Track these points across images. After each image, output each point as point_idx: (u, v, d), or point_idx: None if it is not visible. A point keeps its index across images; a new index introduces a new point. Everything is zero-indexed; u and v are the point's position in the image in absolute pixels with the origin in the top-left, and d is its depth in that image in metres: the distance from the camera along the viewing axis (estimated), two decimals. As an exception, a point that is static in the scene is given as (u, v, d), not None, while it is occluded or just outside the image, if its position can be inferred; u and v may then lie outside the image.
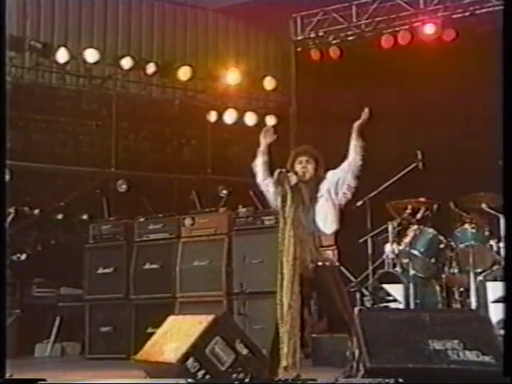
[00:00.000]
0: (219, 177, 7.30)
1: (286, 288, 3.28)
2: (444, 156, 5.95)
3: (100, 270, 5.90)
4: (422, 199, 4.96)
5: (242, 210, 5.68)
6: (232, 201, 6.38)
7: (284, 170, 3.49)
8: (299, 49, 7.26)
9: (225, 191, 6.97)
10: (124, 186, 6.80)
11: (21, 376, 3.42)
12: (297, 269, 3.33)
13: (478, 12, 6.12)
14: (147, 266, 5.77)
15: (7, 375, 2.97)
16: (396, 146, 6.34)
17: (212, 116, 7.43)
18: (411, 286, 4.64)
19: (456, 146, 6.04)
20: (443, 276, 4.65)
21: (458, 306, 4.49)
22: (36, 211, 5.80)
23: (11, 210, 4.76)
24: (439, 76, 6.05)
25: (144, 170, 7.02)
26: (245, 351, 3.45)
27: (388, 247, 4.98)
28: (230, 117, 7.51)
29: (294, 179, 3.49)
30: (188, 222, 5.77)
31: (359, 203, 5.34)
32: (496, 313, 4.01)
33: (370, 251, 5.37)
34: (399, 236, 4.96)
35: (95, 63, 6.80)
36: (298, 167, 3.55)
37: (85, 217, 6.47)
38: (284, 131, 7.48)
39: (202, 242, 5.67)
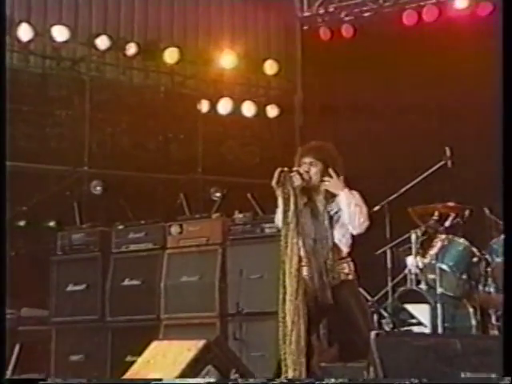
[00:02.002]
0: (212, 177, 7.31)
1: (289, 303, 3.31)
2: (477, 153, 5.94)
3: (70, 287, 5.90)
4: (451, 204, 4.95)
5: (238, 215, 5.69)
6: (227, 205, 6.38)
7: (286, 169, 3.51)
8: (306, 27, 7.30)
9: (218, 194, 7.00)
10: (99, 188, 6.77)
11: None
12: (301, 281, 3.37)
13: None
14: (126, 283, 5.77)
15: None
16: (420, 142, 6.34)
17: (203, 106, 7.42)
18: (439, 306, 4.62)
19: (492, 143, 6.09)
20: (477, 295, 4.65)
21: (496, 332, 4.45)
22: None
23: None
24: (472, 59, 5.97)
25: (123, 169, 6.98)
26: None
27: (411, 260, 4.96)
28: (224, 107, 7.50)
29: (297, 180, 3.51)
30: (175, 229, 5.79)
31: (376, 208, 5.32)
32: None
33: (389, 265, 5.35)
34: (424, 247, 4.95)
35: (65, 42, 6.69)
36: (301, 169, 3.62)
37: (52, 224, 6.42)
38: (288, 124, 7.62)
39: (191, 254, 5.69)
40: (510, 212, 3.23)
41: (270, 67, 7.53)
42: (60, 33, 6.60)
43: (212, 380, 3.33)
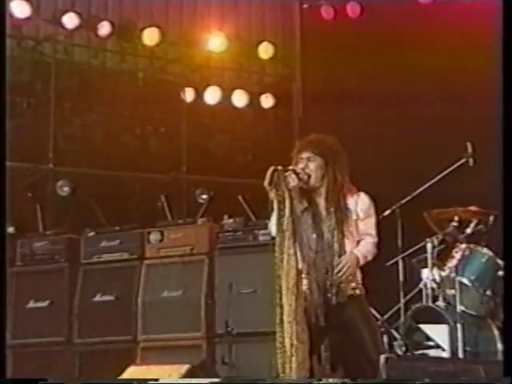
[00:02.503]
0: (197, 176, 7.30)
1: (287, 325, 3.32)
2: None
3: (31, 304, 5.90)
4: (474, 208, 4.94)
5: (227, 221, 5.70)
6: (214, 209, 6.38)
7: (280, 167, 3.50)
8: (305, 5, 7.28)
9: (205, 196, 7.01)
10: (66, 189, 6.73)
11: None
12: (300, 299, 3.38)
13: None
14: (98, 298, 5.74)
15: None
16: (437, 136, 6.31)
17: (188, 94, 7.41)
18: (459, 326, 4.61)
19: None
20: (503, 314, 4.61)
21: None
22: None
23: None
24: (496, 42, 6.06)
25: (94, 167, 6.93)
26: (230, 413, 3.50)
27: (426, 273, 4.96)
28: (212, 96, 7.49)
29: (293, 180, 3.50)
30: (155, 237, 5.79)
31: (387, 212, 5.32)
32: None
33: (401, 278, 5.34)
34: (442, 258, 4.94)
35: (26, 19, 6.62)
36: (299, 167, 3.61)
37: (10, 230, 6.30)
38: (285, 115, 7.62)
39: (173, 265, 5.69)
40: (510, 212, 3.42)
41: (265, 51, 7.52)
42: (20, 8, 6.50)
43: (216, 380, 3.32)
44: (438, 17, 6.42)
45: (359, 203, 3.60)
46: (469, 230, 4.90)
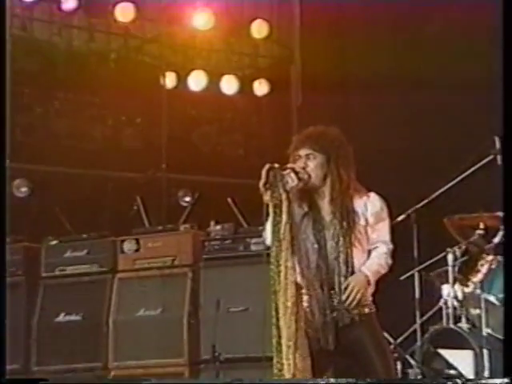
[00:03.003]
0: (180, 175, 7.33)
1: (286, 351, 3.31)
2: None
3: (-17, 325, 5.90)
4: (501, 214, 4.93)
5: (215, 227, 5.74)
6: (200, 213, 6.43)
7: (277, 165, 3.48)
8: (305, -23, 7.39)
9: (188, 198, 7.07)
10: (24, 189, 6.74)
11: None
12: (300, 320, 3.37)
13: None
14: (61, 318, 5.75)
15: None
16: (458, 128, 6.31)
17: (169, 79, 7.43)
18: (485, 352, 4.62)
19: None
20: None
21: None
22: None
23: None
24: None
25: (57, 164, 6.92)
26: None
27: (447, 289, 4.96)
28: (197, 81, 7.52)
29: (292, 180, 3.49)
30: (129, 246, 5.82)
31: (400, 218, 5.32)
32: None
33: (417, 295, 5.35)
34: (465, 272, 4.95)
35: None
36: (297, 165, 3.59)
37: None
38: (281, 104, 7.63)
39: (151, 279, 5.72)
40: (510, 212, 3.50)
41: (258, 29, 7.52)
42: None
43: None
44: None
45: (369, 206, 3.56)
46: (496, 240, 4.90)
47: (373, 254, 3.55)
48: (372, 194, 3.59)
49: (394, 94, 6.58)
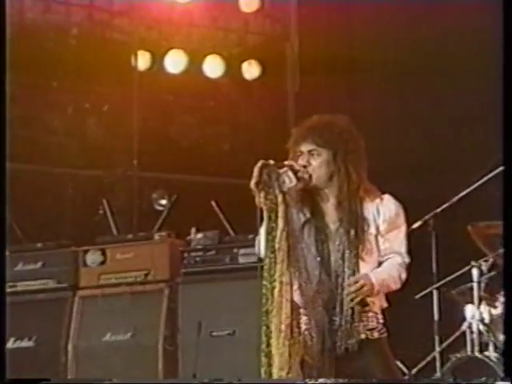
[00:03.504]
0: (154, 174, 7.36)
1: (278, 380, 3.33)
2: None
3: None
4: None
5: (196, 235, 5.76)
6: (178, 219, 6.43)
7: (272, 162, 3.47)
8: None
9: (164, 201, 7.04)
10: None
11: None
12: (296, 344, 3.38)
13: None
14: (10, 345, 5.73)
15: None
16: (482, 120, 6.32)
17: (142, 60, 7.43)
18: (516, 384, 4.63)
19: None
20: None
21: None
22: None
23: None
24: None
25: (6, 159, 6.95)
26: None
27: (471, 310, 4.97)
28: (175, 62, 7.53)
29: (290, 180, 3.48)
30: (93, 258, 5.85)
31: (416, 225, 5.33)
32: None
33: (436, 316, 5.37)
34: (493, 289, 4.97)
35: None
36: (299, 163, 3.57)
37: None
38: (275, 89, 7.63)
39: (119, 298, 5.74)
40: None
41: (248, 1, 7.55)
42: None
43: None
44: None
45: (381, 210, 3.54)
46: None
47: (384, 264, 3.55)
48: (386, 197, 3.58)
49: (410, 81, 6.60)
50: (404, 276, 3.54)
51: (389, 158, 6.20)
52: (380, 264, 3.55)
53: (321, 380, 3.38)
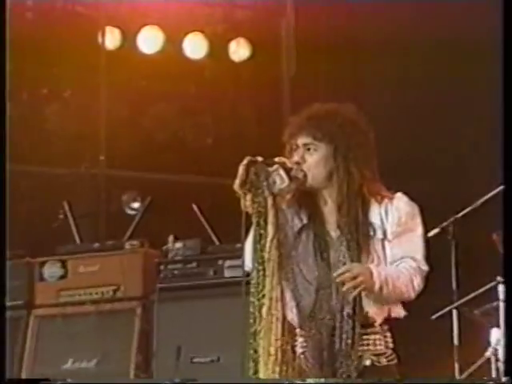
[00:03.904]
0: (125, 172, 7.37)
1: None
2: None
3: None
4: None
5: (174, 245, 5.80)
6: (153, 225, 6.49)
7: (260, 159, 3.49)
8: None
9: (137, 204, 7.08)
10: None
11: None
12: (290, 370, 3.42)
13: None
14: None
15: None
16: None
17: (111, 38, 7.46)
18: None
19: None
20: None
21: None
22: None
23: None
24: None
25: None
26: None
27: (497, 333, 5.02)
28: (149, 41, 7.56)
29: (282, 180, 3.50)
30: (52, 271, 5.90)
31: (433, 232, 5.35)
32: None
33: (455, 340, 5.38)
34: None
35: None
36: (293, 159, 3.59)
37: None
38: (268, 73, 7.61)
39: (83, 318, 5.79)
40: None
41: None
42: None
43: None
44: None
45: (391, 212, 3.54)
46: None
47: (394, 266, 3.54)
48: (397, 196, 3.58)
49: (429, 64, 6.63)
50: (418, 283, 3.51)
51: (401, 154, 6.22)
52: None
53: (310, 380, 3.41)
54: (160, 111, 7.66)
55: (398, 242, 3.52)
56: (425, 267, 3.52)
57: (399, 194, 3.57)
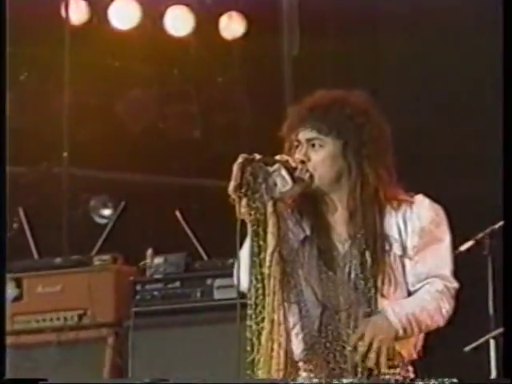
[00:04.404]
0: (92, 172, 7.39)
1: None
2: None
3: None
4: None
5: (153, 260, 5.82)
6: (128, 235, 6.57)
7: (258, 157, 3.51)
8: None
9: (108, 210, 7.16)
10: None
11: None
12: None
13: None
14: None
15: None
16: None
17: (76, 11, 7.54)
18: None
19: None
20: None
21: None
22: None
23: None
24: None
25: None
26: None
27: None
28: (122, 15, 7.63)
29: (284, 182, 3.53)
30: (6, 292, 5.77)
31: (466, 246, 5.43)
32: None
33: (493, 374, 5.44)
34: None
35: None
36: (297, 157, 3.61)
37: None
38: (266, 52, 7.58)
39: (42, 349, 5.84)
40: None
41: None
42: None
43: None
44: None
45: (410, 219, 3.57)
46: None
47: (416, 295, 3.56)
48: (418, 199, 3.60)
49: (450, 43, 6.70)
50: (448, 307, 3.54)
51: (423, 149, 6.27)
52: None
53: (300, 380, 3.48)
54: (136, 98, 7.69)
55: (422, 259, 3.55)
56: (454, 284, 3.56)
57: (420, 197, 3.59)
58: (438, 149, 6.61)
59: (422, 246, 3.56)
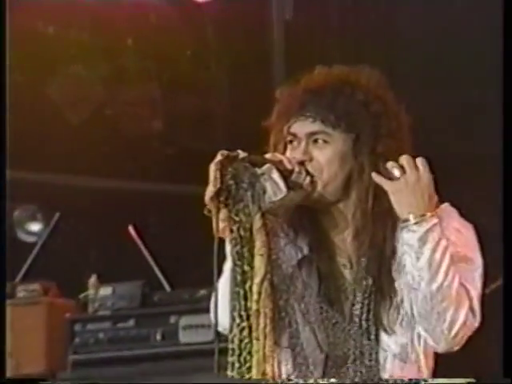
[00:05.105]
0: (19, 173, 7.34)
1: None
2: None
3: None
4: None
5: (98, 291, 5.99)
6: (64, 257, 6.71)
7: (242, 154, 3.54)
8: None
9: (38, 225, 7.29)
10: None
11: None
12: None
13: None
14: None
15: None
16: None
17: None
18: None
19: None
20: None
21: None
22: None
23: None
24: None
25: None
26: None
27: None
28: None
29: (276, 186, 3.57)
30: None
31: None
32: None
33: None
34: None
35: None
36: (296, 157, 3.65)
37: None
38: (253, 18, 7.70)
39: None
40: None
41: None
42: None
43: None
44: None
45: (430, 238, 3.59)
46: None
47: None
48: (444, 210, 3.61)
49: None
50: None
51: (447, 145, 6.33)
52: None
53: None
54: (76, 76, 7.76)
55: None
56: (477, 316, 3.56)
57: (447, 207, 3.63)
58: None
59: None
